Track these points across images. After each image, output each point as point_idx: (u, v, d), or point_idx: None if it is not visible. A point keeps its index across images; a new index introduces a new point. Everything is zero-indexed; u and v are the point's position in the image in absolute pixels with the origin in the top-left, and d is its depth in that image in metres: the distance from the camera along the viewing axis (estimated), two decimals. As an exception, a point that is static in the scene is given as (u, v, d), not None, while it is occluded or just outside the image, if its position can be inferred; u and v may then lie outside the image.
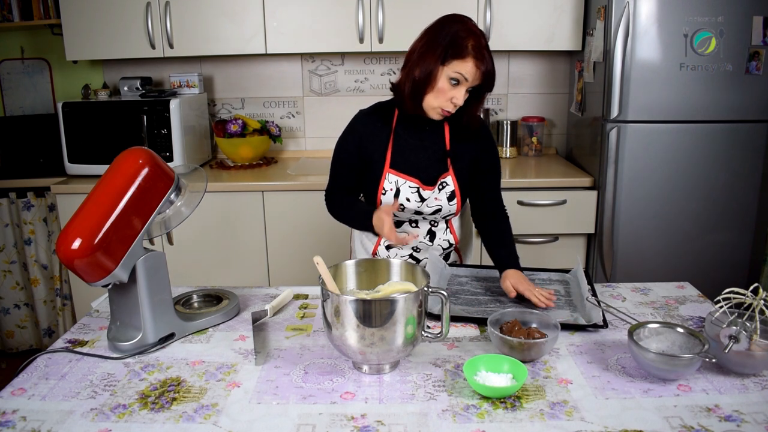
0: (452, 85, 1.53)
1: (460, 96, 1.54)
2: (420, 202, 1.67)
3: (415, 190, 1.67)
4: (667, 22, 2.44)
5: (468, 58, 1.51)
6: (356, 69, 3.21)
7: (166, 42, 2.83)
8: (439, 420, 1.06)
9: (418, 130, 1.68)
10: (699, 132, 2.55)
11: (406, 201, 1.67)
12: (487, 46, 1.54)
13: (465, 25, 1.54)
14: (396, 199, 1.64)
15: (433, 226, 1.75)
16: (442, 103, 1.56)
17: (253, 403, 1.12)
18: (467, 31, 1.53)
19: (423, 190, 1.67)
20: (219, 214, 2.73)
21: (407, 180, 1.67)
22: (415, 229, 1.74)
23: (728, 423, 1.04)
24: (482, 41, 1.54)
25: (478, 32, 1.54)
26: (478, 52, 1.51)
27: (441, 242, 1.78)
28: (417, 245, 1.77)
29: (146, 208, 1.26)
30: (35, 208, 2.96)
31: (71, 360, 1.28)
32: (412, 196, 1.67)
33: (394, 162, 1.67)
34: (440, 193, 1.68)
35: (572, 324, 1.39)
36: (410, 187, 1.67)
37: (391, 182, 1.67)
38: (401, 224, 1.75)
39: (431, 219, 1.74)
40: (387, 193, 1.67)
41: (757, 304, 1.20)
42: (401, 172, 1.67)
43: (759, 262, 2.72)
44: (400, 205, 1.67)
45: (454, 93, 1.54)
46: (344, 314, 1.14)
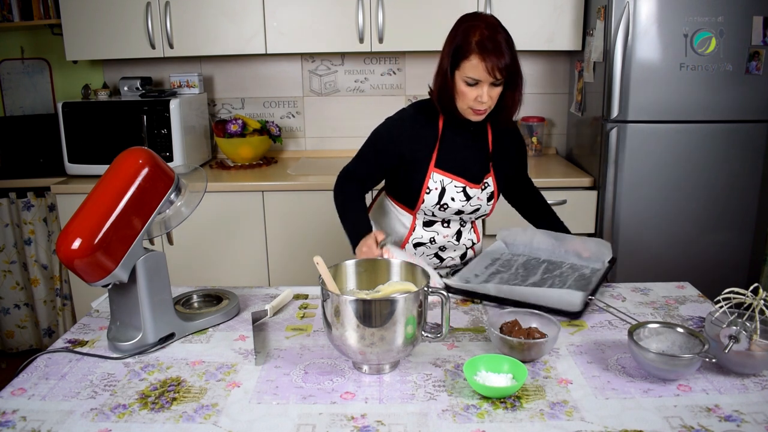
0: (471, 86, 1.52)
1: (484, 94, 1.52)
2: (465, 200, 1.67)
3: (461, 189, 1.66)
4: (667, 22, 2.44)
5: (472, 56, 1.49)
6: (356, 69, 3.21)
7: (166, 42, 2.83)
8: (439, 420, 1.05)
9: (465, 130, 1.67)
10: (699, 132, 2.55)
11: (451, 201, 1.66)
12: (497, 39, 1.49)
13: (470, 23, 1.52)
14: (379, 245, 1.55)
15: (461, 226, 1.76)
16: (471, 104, 1.55)
17: (253, 403, 1.12)
18: (472, 27, 1.51)
19: (469, 189, 1.67)
20: (219, 214, 2.73)
21: (453, 179, 1.66)
22: (446, 229, 1.75)
23: (728, 423, 1.04)
24: (488, 34, 1.49)
25: (485, 26, 1.50)
26: (481, 47, 1.48)
27: (465, 241, 1.79)
28: (444, 244, 1.77)
29: (146, 208, 1.26)
30: (35, 208, 2.96)
31: (71, 360, 1.28)
32: (457, 195, 1.66)
33: (440, 161, 1.66)
34: (482, 193, 1.69)
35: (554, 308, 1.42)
36: (456, 187, 1.66)
37: (436, 181, 1.66)
38: (433, 224, 1.75)
39: (467, 219, 1.74)
40: (431, 192, 1.66)
41: (757, 304, 1.20)
42: (447, 171, 1.66)
43: (759, 262, 2.72)
44: (444, 205, 1.67)
45: (477, 92, 1.52)
46: (344, 314, 1.14)
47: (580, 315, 1.41)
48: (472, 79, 1.51)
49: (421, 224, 1.76)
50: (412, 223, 1.76)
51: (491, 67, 1.48)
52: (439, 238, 1.76)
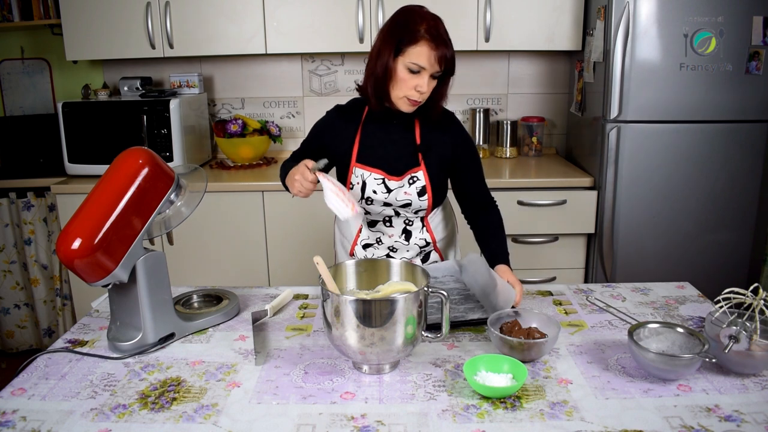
0: (412, 73, 1.51)
1: (424, 83, 1.51)
2: (387, 193, 1.65)
3: (381, 182, 1.65)
4: (667, 22, 2.44)
5: (421, 42, 1.48)
6: (356, 69, 3.21)
7: (166, 42, 2.83)
8: (439, 420, 1.06)
9: (387, 124, 1.66)
10: (699, 132, 2.55)
11: (373, 193, 1.65)
12: (442, 29, 1.50)
13: (417, 13, 1.52)
14: (311, 170, 1.52)
15: (407, 225, 1.73)
16: (407, 93, 1.53)
17: (253, 403, 1.12)
18: (419, 16, 1.50)
19: (389, 181, 1.65)
20: (219, 214, 2.73)
21: (372, 172, 1.65)
22: (390, 229, 1.73)
23: (728, 423, 1.04)
24: (436, 24, 1.50)
25: (431, 17, 1.51)
26: (431, 35, 1.48)
27: (417, 241, 1.75)
28: (393, 245, 1.74)
29: (146, 208, 1.26)
30: (35, 208, 2.96)
31: (71, 360, 1.28)
32: (378, 187, 1.65)
33: (361, 156, 1.66)
34: (410, 187, 1.65)
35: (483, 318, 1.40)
36: (375, 179, 1.65)
37: (357, 176, 1.65)
38: (375, 223, 1.73)
39: (405, 217, 1.71)
40: (354, 187, 1.66)
41: (757, 304, 1.20)
42: (367, 165, 1.66)
43: (759, 262, 2.72)
44: (368, 198, 1.66)
45: (417, 81, 1.51)
46: (344, 314, 1.14)
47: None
48: (417, 66, 1.49)
49: (366, 225, 1.75)
50: (359, 224, 1.76)
51: (440, 56, 1.48)
52: (386, 239, 1.74)
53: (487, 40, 2.82)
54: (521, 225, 2.69)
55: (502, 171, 2.87)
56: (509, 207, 2.65)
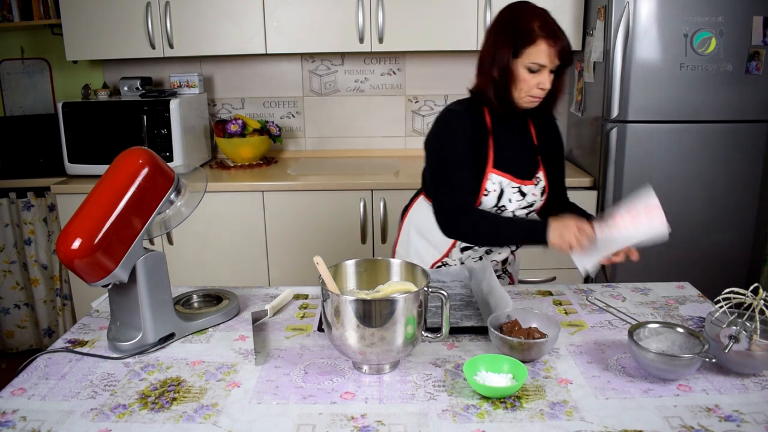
0: (532, 72, 1.50)
1: (546, 80, 1.50)
2: (521, 199, 1.64)
3: (517, 190, 1.63)
4: (667, 22, 2.44)
5: (539, 41, 1.46)
6: (356, 69, 3.21)
7: (166, 42, 2.83)
8: (439, 420, 1.05)
9: (510, 126, 1.63)
10: (699, 132, 2.55)
11: (508, 202, 1.62)
12: (553, 21, 1.49)
13: (525, 11, 1.51)
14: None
15: None
16: (530, 91, 1.52)
17: (253, 403, 1.12)
18: (529, 14, 1.49)
19: (524, 187, 1.63)
20: (219, 214, 2.73)
21: (511, 180, 1.61)
22: None
23: (728, 423, 1.04)
24: (547, 18, 1.49)
25: (540, 12, 1.50)
26: (547, 31, 1.46)
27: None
28: (490, 247, 1.72)
29: (146, 208, 1.26)
30: (35, 208, 2.96)
31: (71, 360, 1.28)
32: (514, 196, 1.62)
33: (497, 161, 1.61)
34: (536, 188, 1.66)
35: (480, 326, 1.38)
36: (512, 187, 1.62)
37: (494, 182, 1.60)
38: None
39: (519, 216, 1.69)
40: (489, 194, 1.61)
41: (757, 304, 1.20)
42: (504, 172, 1.61)
43: (759, 262, 2.72)
44: (501, 207, 1.62)
45: (539, 79, 1.50)
46: (344, 314, 1.14)
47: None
48: (537, 65, 1.48)
49: None
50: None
51: (559, 50, 1.47)
52: None
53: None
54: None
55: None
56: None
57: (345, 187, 2.70)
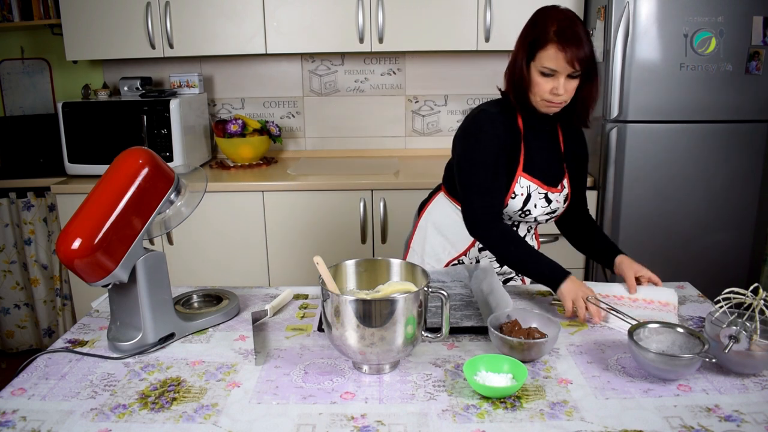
0: (546, 76, 1.48)
1: (559, 86, 1.47)
2: (546, 205, 1.64)
3: (543, 196, 1.63)
4: (667, 22, 2.44)
5: (549, 45, 1.45)
6: (356, 69, 3.21)
7: (166, 42, 2.83)
8: (439, 420, 1.05)
9: (541, 131, 1.63)
10: (699, 132, 2.55)
11: (534, 207, 1.62)
12: (576, 30, 1.45)
13: (548, 14, 1.49)
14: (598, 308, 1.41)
15: (528, 232, 1.73)
16: (544, 96, 1.50)
17: (253, 403, 1.12)
18: (549, 17, 1.47)
19: (550, 194, 1.64)
20: (219, 214, 2.73)
21: (538, 185, 1.61)
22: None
23: (728, 423, 1.04)
24: (568, 24, 1.45)
25: (563, 17, 1.47)
26: (560, 37, 1.44)
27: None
28: (505, 265, 1.72)
29: (146, 208, 1.26)
30: (35, 208, 2.96)
31: (71, 360, 1.28)
32: (540, 201, 1.62)
33: (526, 165, 1.60)
34: (560, 195, 1.66)
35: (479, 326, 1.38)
36: (539, 193, 1.62)
37: (522, 186, 1.60)
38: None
39: (529, 224, 1.70)
40: (516, 198, 1.60)
41: (757, 304, 1.20)
42: (533, 177, 1.61)
43: (759, 262, 2.72)
44: (527, 211, 1.62)
45: (552, 84, 1.48)
46: (344, 314, 1.14)
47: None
48: (549, 70, 1.47)
49: None
50: None
51: (570, 57, 1.44)
52: None
53: (487, 40, 2.82)
54: (521, 225, 2.69)
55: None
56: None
57: (345, 187, 2.70)
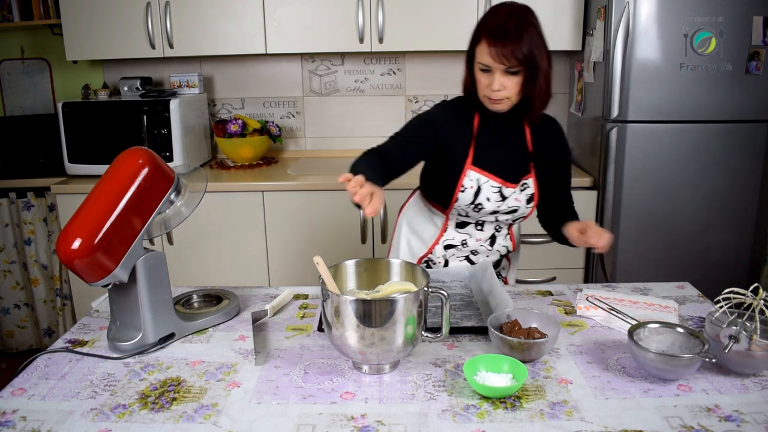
0: (484, 72, 1.50)
1: (494, 82, 1.48)
2: (501, 201, 1.63)
3: (497, 190, 1.62)
4: (667, 22, 2.44)
5: (482, 40, 1.46)
6: (356, 69, 3.21)
7: (166, 42, 2.83)
8: (439, 420, 1.05)
9: (500, 129, 1.63)
10: (699, 132, 2.55)
11: (486, 201, 1.63)
12: (513, 25, 1.44)
13: (494, 9, 1.50)
14: (378, 201, 1.31)
15: (496, 231, 1.73)
16: (485, 92, 1.52)
17: (253, 403, 1.12)
18: (492, 14, 1.49)
19: (505, 188, 1.63)
20: (219, 214, 2.73)
21: (490, 178, 1.62)
22: (479, 233, 1.67)
23: (728, 423, 1.04)
24: (505, 20, 1.45)
25: (504, 13, 1.47)
26: (493, 32, 1.44)
27: (500, 248, 1.75)
28: (477, 248, 1.73)
29: (146, 208, 1.26)
30: (35, 208, 2.96)
31: (71, 360, 1.28)
32: (493, 195, 1.62)
33: (477, 158, 1.62)
34: (521, 194, 1.65)
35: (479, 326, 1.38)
36: (492, 186, 1.62)
37: (472, 179, 1.61)
38: (466, 225, 1.71)
39: (497, 223, 1.70)
40: (466, 191, 1.62)
41: (757, 304, 1.20)
42: (483, 170, 1.62)
43: (759, 262, 2.72)
44: (478, 204, 1.63)
45: (488, 80, 1.50)
46: (344, 314, 1.14)
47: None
48: (484, 65, 1.48)
49: (453, 225, 1.72)
50: (445, 223, 1.72)
51: (498, 53, 1.44)
52: (472, 242, 1.72)
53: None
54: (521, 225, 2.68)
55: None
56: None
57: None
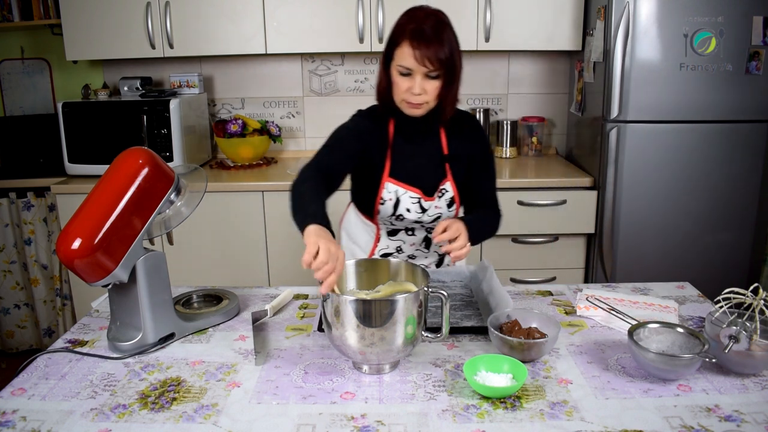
0: (403, 75, 1.47)
1: (415, 85, 1.45)
2: (421, 212, 1.62)
3: (416, 201, 1.61)
4: (667, 22, 2.44)
5: (403, 43, 1.44)
6: (356, 69, 3.21)
7: (166, 42, 2.83)
8: (439, 420, 1.06)
9: (415, 134, 1.61)
10: (699, 132, 2.55)
11: (406, 212, 1.61)
12: (433, 29, 1.43)
13: (410, 13, 1.48)
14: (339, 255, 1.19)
15: (428, 233, 1.71)
16: (404, 96, 1.49)
17: (253, 403, 1.12)
18: (409, 17, 1.47)
19: (424, 201, 1.61)
20: (219, 214, 2.73)
21: (408, 190, 1.60)
22: (411, 238, 1.69)
23: (728, 423, 1.04)
24: (426, 23, 1.43)
25: (423, 15, 1.46)
26: (415, 35, 1.42)
27: (437, 248, 1.74)
28: (413, 253, 1.73)
29: (146, 208, 1.26)
30: (35, 208, 2.96)
31: (71, 360, 1.28)
32: (412, 206, 1.61)
33: (394, 170, 1.60)
34: (440, 200, 1.63)
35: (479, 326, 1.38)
36: (411, 198, 1.61)
37: (390, 191, 1.60)
38: (397, 232, 1.70)
39: (432, 226, 1.69)
40: (386, 203, 1.61)
41: (757, 304, 1.20)
42: (401, 182, 1.60)
43: (759, 262, 2.72)
44: (399, 216, 1.62)
45: (409, 83, 1.47)
46: (344, 314, 1.14)
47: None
48: (404, 68, 1.46)
49: (385, 234, 1.71)
50: (377, 233, 1.71)
51: (421, 55, 1.42)
52: (406, 247, 1.71)
53: (487, 40, 2.82)
54: (521, 225, 2.69)
55: (502, 171, 2.87)
56: (509, 207, 2.65)
57: (345, 187, 2.69)
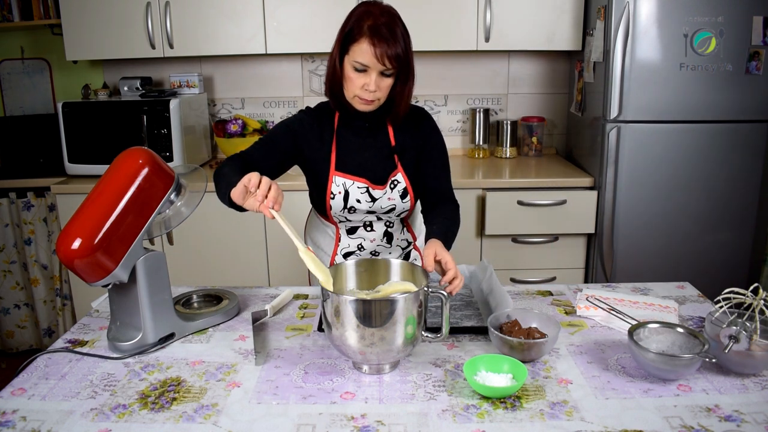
0: (358, 72, 1.46)
1: (371, 82, 1.45)
2: (371, 202, 1.61)
3: (365, 190, 1.60)
4: (667, 22, 2.44)
5: (362, 39, 1.43)
6: (356, 69, 3.21)
7: (166, 42, 2.83)
8: (439, 420, 1.06)
9: (361, 129, 1.61)
10: (699, 132, 2.55)
11: (357, 203, 1.61)
12: (391, 27, 1.43)
13: (366, 9, 1.47)
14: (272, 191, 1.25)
15: (388, 227, 1.70)
16: (357, 92, 1.49)
17: (253, 403, 1.12)
18: (367, 13, 1.45)
19: (373, 190, 1.61)
20: (219, 214, 2.73)
21: (355, 181, 1.60)
22: (371, 234, 1.68)
23: (728, 423, 1.04)
24: (383, 21, 1.43)
25: (380, 13, 1.44)
26: (374, 32, 1.41)
27: (399, 242, 1.73)
28: (375, 249, 1.72)
29: (146, 208, 1.26)
30: (35, 208, 2.96)
31: (71, 360, 1.28)
32: (362, 196, 1.60)
33: (340, 163, 1.60)
34: (393, 192, 1.62)
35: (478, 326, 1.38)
36: (359, 188, 1.60)
37: (338, 185, 1.60)
38: (356, 230, 1.69)
39: (386, 220, 1.68)
40: (336, 197, 1.61)
41: (757, 304, 1.20)
42: (348, 173, 1.60)
43: (759, 262, 2.72)
44: (351, 208, 1.61)
45: (364, 80, 1.46)
46: (344, 314, 1.14)
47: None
48: (361, 65, 1.45)
49: (345, 232, 1.70)
50: (336, 233, 1.71)
51: (381, 53, 1.42)
52: (368, 244, 1.71)
53: (487, 40, 2.82)
54: (521, 225, 2.69)
55: (502, 171, 2.87)
56: (509, 207, 2.65)
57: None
